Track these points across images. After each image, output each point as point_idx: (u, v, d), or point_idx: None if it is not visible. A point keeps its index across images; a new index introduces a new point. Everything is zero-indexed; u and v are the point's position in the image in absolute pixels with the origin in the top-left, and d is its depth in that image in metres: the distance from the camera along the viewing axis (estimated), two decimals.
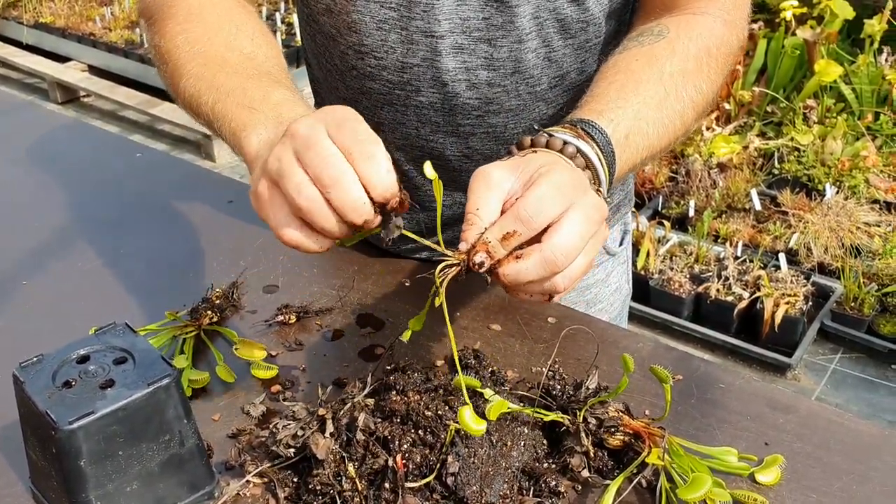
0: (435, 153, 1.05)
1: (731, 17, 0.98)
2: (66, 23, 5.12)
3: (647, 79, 0.90)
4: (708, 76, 0.94)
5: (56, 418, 0.68)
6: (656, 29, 0.95)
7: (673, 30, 0.95)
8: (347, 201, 0.69)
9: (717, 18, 0.97)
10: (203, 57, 0.93)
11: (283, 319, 1.01)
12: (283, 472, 0.78)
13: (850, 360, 2.79)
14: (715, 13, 0.97)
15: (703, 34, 0.95)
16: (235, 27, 0.96)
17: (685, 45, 0.93)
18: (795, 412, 0.87)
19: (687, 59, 0.93)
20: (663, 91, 0.90)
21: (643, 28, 0.97)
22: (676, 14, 0.98)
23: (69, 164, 1.45)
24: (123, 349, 0.75)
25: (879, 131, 3.40)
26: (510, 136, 1.04)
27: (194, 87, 0.91)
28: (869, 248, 2.92)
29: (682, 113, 0.91)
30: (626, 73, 0.91)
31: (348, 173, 0.69)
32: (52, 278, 1.12)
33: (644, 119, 0.87)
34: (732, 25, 0.98)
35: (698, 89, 0.93)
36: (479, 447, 0.75)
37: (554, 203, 0.71)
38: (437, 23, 0.94)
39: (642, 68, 0.91)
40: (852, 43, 3.83)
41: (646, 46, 0.94)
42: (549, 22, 0.96)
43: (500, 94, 1.00)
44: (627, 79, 0.90)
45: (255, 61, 0.93)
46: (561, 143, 0.80)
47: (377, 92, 1.02)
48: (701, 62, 0.94)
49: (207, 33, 0.95)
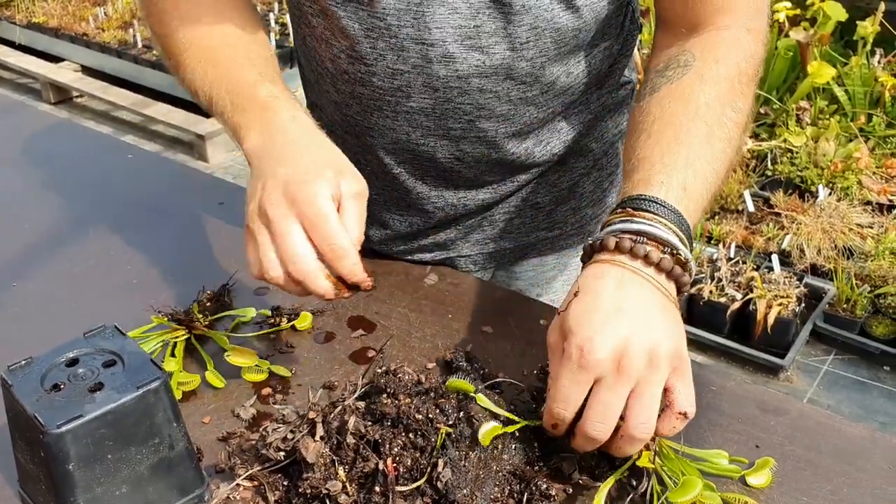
0: (426, 156, 1.05)
1: (753, 25, 0.96)
2: (59, 23, 5.10)
3: (685, 120, 0.88)
4: (742, 93, 0.92)
5: (44, 422, 0.67)
6: (682, 59, 0.93)
7: (699, 55, 0.93)
8: (318, 288, 0.83)
9: (740, 30, 0.95)
10: (196, 49, 0.99)
11: (274, 322, 1.01)
12: (273, 475, 0.77)
13: (842, 362, 2.80)
14: (738, 25, 0.95)
15: (730, 52, 0.93)
16: (227, 18, 1.01)
17: (714, 70, 0.92)
18: (786, 414, 0.87)
19: (718, 82, 0.91)
20: (705, 126, 0.87)
21: (668, 58, 0.95)
22: (700, 32, 0.95)
23: (61, 165, 1.44)
24: (113, 352, 0.75)
25: (872, 133, 3.41)
26: (500, 140, 1.04)
27: (191, 77, 0.99)
28: (861, 249, 2.92)
29: (729, 138, 0.89)
30: (663, 121, 0.89)
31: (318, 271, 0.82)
32: (41, 280, 1.12)
33: (696, 163, 0.85)
34: (756, 34, 0.96)
35: (736, 109, 0.91)
36: (469, 451, 0.74)
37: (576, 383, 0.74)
38: (427, 31, 0.94)
39: (678, 110, 0.89)
40: (845, 45, 3.84)
41: (675, 83, 0.92)
42: (546, 32, 0.96)
43: (491, 99, 1.00)
44: (665, 127, 0.88)
45: (240, 50, 0.99)
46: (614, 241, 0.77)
47: (368, 97, 1.01)
48: (733, 82, 0.92)
49: (198, 20, 1.00)
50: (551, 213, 1.18)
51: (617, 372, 0.72)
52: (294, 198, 0.81)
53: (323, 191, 0.82)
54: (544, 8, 0.94)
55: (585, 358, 0.72)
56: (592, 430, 0.73)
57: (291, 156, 0.86)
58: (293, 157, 0.86)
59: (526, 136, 1.06)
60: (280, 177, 0.83)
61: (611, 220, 0.81)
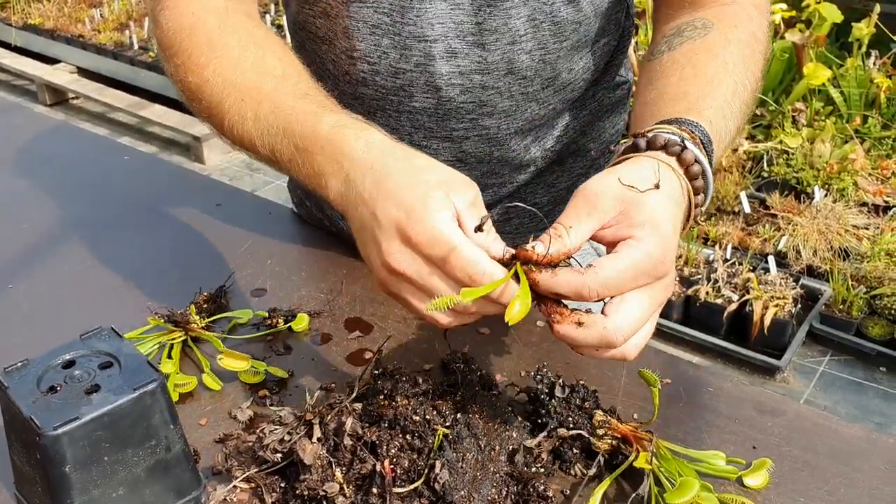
0: None
1: (758, 2, 0.97)
2: (55, 24, 5.09)
3: (715, 73, 0.87)
4: (758, 63, 0.92)
5: (41, 424, 0.67)
6: (698, 23, 0.93)
7: (717, 21, 0.93)
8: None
9: (747, 6, 0.96)
10: (237, 90, 0.87)
11: (270, 323, 1.00)
12: (270, 477, 0.77)
13: (838, 363, 2.80)
14: (743, 2, 0.96)
15: (745, 22, 0.94)
16: (261, 49, 0.90)
17: (736, 34, 0.92)
18: (783, 415, 0.87)
19: (742, 46, 0.91)
20: (733, 83, 0.87)
21: (680, 24, 0.95)
22: (707, 8, 0.96)
23: (57, 167, 1.44)
24: (109, 354, 0.75)
25: (868, 134, 3.41)
26: (502, 138, 1.04)
27: (241, 127, 0.86)
28: (857, 250, 2.93)
29: (747, 102, 0.89)
30: (693, 69, 0.88)
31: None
32: (37, 282, 1.11)
33: (727, 115, 0.85)
34: (762, 10, 0.97)
35: (755, 76, 0.91)
36: (466, 452, 0.74)
37: (635, 282, 0.70)
38: (430, 27, 0.94)
39: (707, 63, 0.88)
40: (840, 46, 3.85)
41: (698, 40, 0.91)
42: (545, 24, 0.96)
43: (493, 95, 1.00)
44: (699, 75, 0.87)
45: (289, 82, 0.87)
46: (679, 147, 0.76)
47: (370, 98, 1.01)
48: (753, 49, 0.92)
49: (234, 61, 0.89)
50: (549, 214, 1.19)
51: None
52: (413, 240, 0.69)
53: (440, 222, 0.69)
54: (543, 0, 0.94)
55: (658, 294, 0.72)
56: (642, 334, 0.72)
57: (387, 191, 0.72)
58: (391, 193, 0.72)
59: (527, 134, 1.06)
60: (389, 225, 0.70)
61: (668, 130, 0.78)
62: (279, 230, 1.22)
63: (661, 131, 0.78)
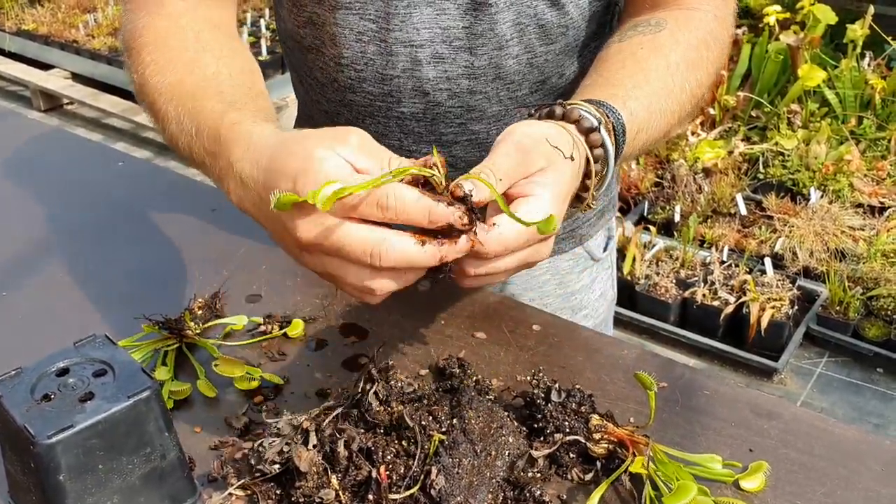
0: None
1: (721, 13, 0.98)
2: (49, 30, 5.09)
3: (654, 67, 0.89)
4: (706, 69, 0.94)
5: (34, 432, 0.67)
6: (653, 20, 0.95)
7: (672, 22, 0.94)
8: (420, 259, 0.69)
9: (708, 13, 0.97)
10: (168, 90, 0.86)
11: (266, 329, 1.00)
12: (265, 484, 0.77)
13: (835, 364, 2.80)
14: (706, 9, 0.97)
15: (699, 27, 0.95)
16: (201, 47, 0.90)
17: (686, 37, 0.93)
18: (779, 418, 0.87)
19: (689, 49, 0.92)
20: (671, 81, 0.89)
21: (637, 21, 0.97)
22: (666, 9, 0.97)
23: (51, 173, 1.44)
24: (103, 361, 0.74)
25: (863, 135, 3.42)
26: (492, 143, 1.04)
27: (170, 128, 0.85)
28: (853, 251, 2.93)
29: (682, 105, 0.91)
30: (634, 60, 0.90)
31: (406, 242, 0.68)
32: (31, 289, 1.11)
33: (654, 111, 0.87)
34: (723, 21, 0.98)
35: (699, 82, 0.92)
36: (462, 457, 0.74)
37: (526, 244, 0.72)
38: (416, 32, 0.94)
39: (648, 57, 0.90)
40: (835, 48, 3.86)
41: (648, 35, 0.93)
42: (530, 28, 0.96)
43: (481, 100, 1.00)
44: (637, 67, 0.89)
45: (215, 80, 0.85)
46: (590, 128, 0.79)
47: (359, 104, 1.01)
48: (701, 54, 0.93)
49: (172, 60, 0.88)
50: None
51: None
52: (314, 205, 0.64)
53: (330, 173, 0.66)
54: (527, 4, 0.94)
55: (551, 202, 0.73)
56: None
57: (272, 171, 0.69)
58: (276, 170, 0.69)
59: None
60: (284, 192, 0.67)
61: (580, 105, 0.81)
62: None
63: (579, 107, 0.79)
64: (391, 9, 0.93)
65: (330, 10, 0.96)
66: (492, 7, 0.93)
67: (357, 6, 0.94)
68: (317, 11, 0.97)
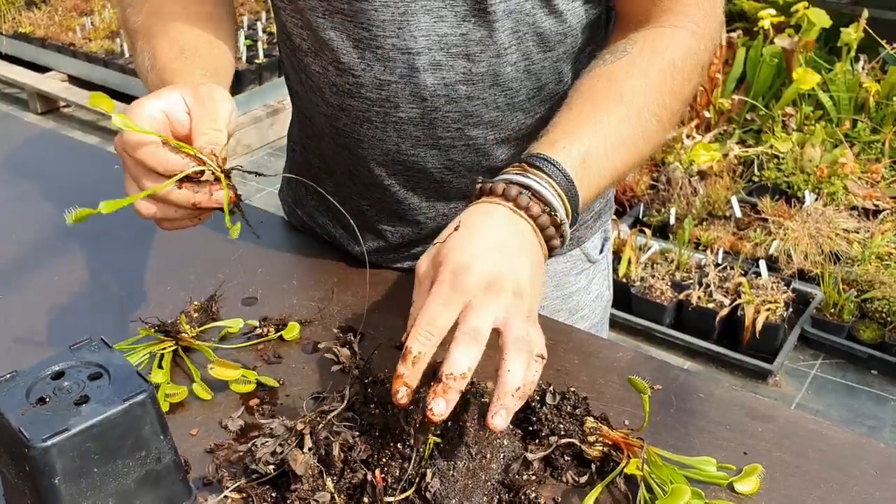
0: (416, 167, 1.05)
1: (702, 29, 0.98)
2: (46, 33, 5.08)
3: (604, 98, 0.91)
4: (672, 89, 0.94)
5: (29, 436, 0.67)
6: (622, 46, 0.96)
7: (638, 45, 0.95)
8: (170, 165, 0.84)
9: (685, 30, 0.97)
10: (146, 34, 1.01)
11: (261, 332, 1.00)
12: (261, 487, 0.77)
13: (830, 366, 2.81)
14: (685, 25, 0.97)
15: (669, 47, 0.95)
16: (184, 13, 1.02)
17: (647, 61, 0.94)
18: (774, 421, 0.87)
19: (647, 74, 0.93)
20: (623, 110, 0.90)
21: (613, 46, 0.98)
22: (648, 27, 0.98)
23: (47, 176, 1.44)
24: (99, 365, 0.74)
25: (857, 138, 3.43)
26: (490, 147, 1.05)
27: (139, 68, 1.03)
28: (848, 254, 2.94)
29: (644, 129, 0.92)
30: (585, 96, 0.92)
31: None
32: (26, 292, 1.11)
33: (602, 140, 0.88)
34: (702, 37, 0.98)
35: (661, 104, 0.93)
36: (458, 460, 0.74)
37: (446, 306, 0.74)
38: (413, 39, 0.94)
39: (602, 89, 0.92)
40: (829, 51, 3.87)
41: (608, 66, 0.94)
42: (528, 36, 0.97)
43: (479, 106, 1.00)
44: (585, 103, 0.91)
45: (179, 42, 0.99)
46: (502, 187, 0.81)
47: (356, 108, 1.02)
48: (664, 75, 0.94)
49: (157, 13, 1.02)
50: None
51: (485, 294, 0.74)
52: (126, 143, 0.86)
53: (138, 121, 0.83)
54: (526, 12, 0.95)
55: (459, 279, 0.74)
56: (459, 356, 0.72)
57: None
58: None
59: (515, 143, 1.07)
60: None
61: (507, 171, 0.85)
62: (270, 238, 1.22)
63: (505, 177, 0.83)
64: (385, 16, 0.94)
65: (326, 15, 0.96)
66: (490, 15, 0.93)
67: (351, 12, 0.95)
68: (312, 17, 0.97)
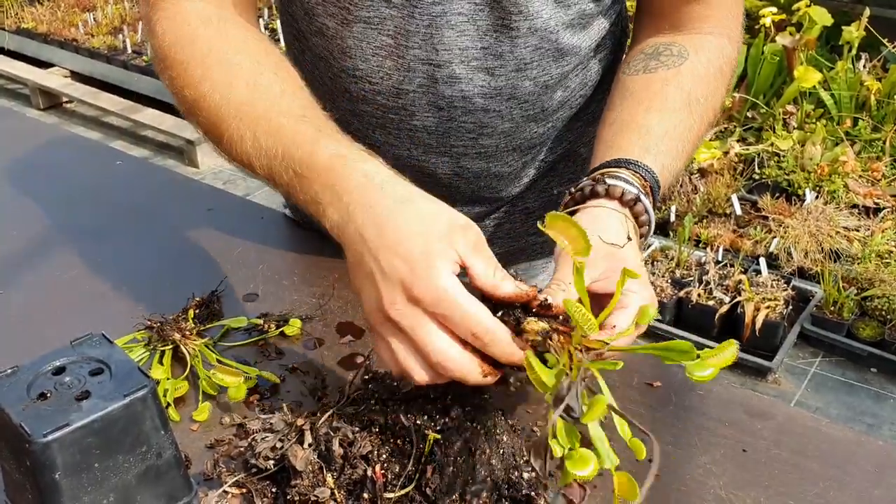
0: (426, 172, 1.05)
1: (732, 32, 1.01)
2: (49, 28, 5.08)
3: (679, 108, 0.93)
4: (720, 96, 0.98)
5: (30, 431, 0.67)
6: (675, 49, 0.97)
7: (692, 52, 0.97)
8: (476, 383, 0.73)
9: (721, 37, 0.99)
10: (233, 108, 0.85)
11: (262, 328, 1.00)
12: (261, 482, 0.77)
13: (830, 364, 2.81)
14: (720, 32, 0.99)
15: (716, 55, 0.98)
16: (257, 62, 0.88)
17: (706, 69, 0.97)
18: (773, 418, 0.87)
19: (708, 82, 0.96)
20: (691, 120, 0.93)
21: (658, 44, 0.99)
22: (685, 32, 1.00)
23: (49, 171, 1.44)
24: (100, 360, 0.75)
25: (858, 137, 3.43)
26: (501, 154, 1.05)
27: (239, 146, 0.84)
28: (848, 252, 2.94)
29: (700, 136, 0.95)
30: (662, 100, 0.93)
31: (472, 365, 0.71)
32: (28, 288, 1.11)
33: (678, 157, 0.91)
34: (733, 41, 1.01)
35: (714, 110, 0.97)
36: (457, 456, 0.75)
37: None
38: (434, 52, 0.94)
39: (674, 95, 0.94)
40: (831, 49, 3.87)
41: (672, 69, 0.96)
42: (549, 52, 0.97)
43: (494, 118, 1.00)
44: (664, 107, 0.93)
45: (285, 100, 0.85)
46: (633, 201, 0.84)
47: (370, 115, 1.01)
48: (718, 84, 0.97)
49: (230, 76, 0.86)
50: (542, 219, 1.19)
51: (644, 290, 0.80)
52: (418, 297, 0.69)
53: (443, 274, 0.69)
54: (550, 30, 0.95)
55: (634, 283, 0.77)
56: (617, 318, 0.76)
57: (390, 242, 0.71)
58: (394, 244, 0.71)
59: (525, 151, 1.07)
60: (392, 272, 0.70)
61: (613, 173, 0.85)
62: (271, 234, 1.22)
63: (618, 180, 0.84)
64: (410, 27, 0.93)
65: (344, 24, 0.95)
66: (513, 31, 0.94)
67: (376, 21, 0.94)
68: (327, 24, 0.96)
